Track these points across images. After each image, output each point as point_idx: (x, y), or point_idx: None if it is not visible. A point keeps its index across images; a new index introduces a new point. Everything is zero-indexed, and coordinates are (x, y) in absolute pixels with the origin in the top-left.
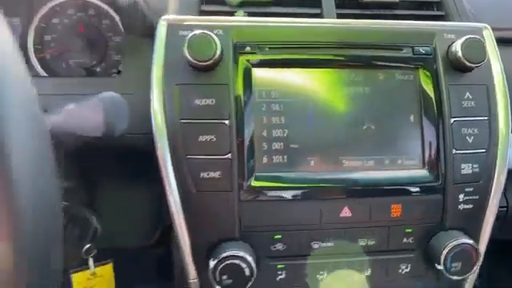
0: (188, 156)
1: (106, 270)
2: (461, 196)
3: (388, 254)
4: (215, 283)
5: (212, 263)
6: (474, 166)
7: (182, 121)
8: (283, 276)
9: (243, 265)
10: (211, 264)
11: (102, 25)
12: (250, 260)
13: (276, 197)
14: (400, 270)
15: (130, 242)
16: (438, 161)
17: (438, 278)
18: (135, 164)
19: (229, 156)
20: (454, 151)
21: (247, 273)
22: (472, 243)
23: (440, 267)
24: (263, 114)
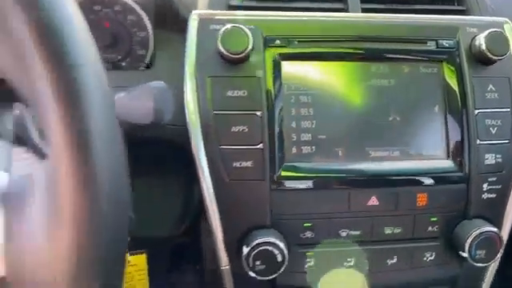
0: (221, 146)
1: (141, 260)
2: (484, 185)
3: (413, 242)
4: (248, 269)
5: (245, 250)
6: (498, 156)
7: (215, 112)
8: (312, 263)
9: (276, 251)
10: (245, 250)
11: (127, 21)
12: (282, 246)
13: (305, 186)
14: (425, 258)
15: (160, 232)
16: (463, 151)
17: (461, 266)
18: (165, 155)
19: (261, 146)
20: (478, 142)
21: (279, 259)
22: (496, 231)
23: (465, 255)
24: (292, 106)
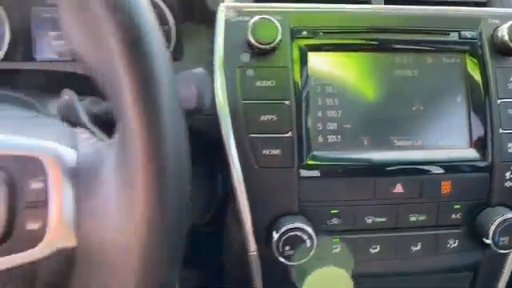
0: (250, 134)
1: None
2: (507, 174)
3: (437, 230)
4: (278, 254)
5: (275, 235)
6: None
7: (244, 101)
8: (338, 249)
9: (305, 236)
10: (275, 236)
11: None
12: (311, 232)
13: (332, 174)
14: (448, 245)
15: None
16: (485, 140)
17: (484, 253)
18: (190, 146)
19: (289, 134)
20: (501, 131)
21: (308, 244)
22: None
23: (488, 241)
24: (318, 96)
